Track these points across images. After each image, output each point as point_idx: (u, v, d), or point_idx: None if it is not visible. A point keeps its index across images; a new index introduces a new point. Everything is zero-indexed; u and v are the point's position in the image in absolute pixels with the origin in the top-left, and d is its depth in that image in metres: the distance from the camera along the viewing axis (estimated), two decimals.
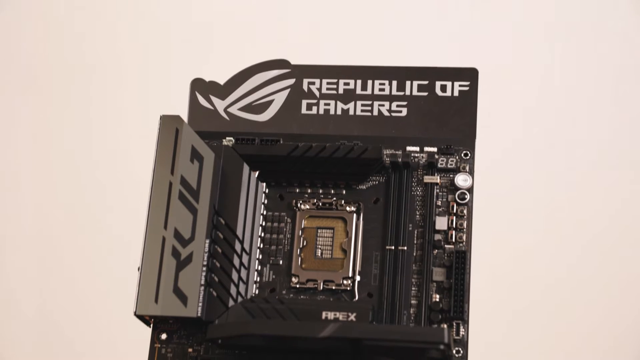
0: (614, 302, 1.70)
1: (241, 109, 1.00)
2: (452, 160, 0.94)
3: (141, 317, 0.91)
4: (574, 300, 1.72)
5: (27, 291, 1.95)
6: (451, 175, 0.94)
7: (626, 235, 1.68)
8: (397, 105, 0.98)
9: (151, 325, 0.93)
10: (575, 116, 1.70)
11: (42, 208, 1.93)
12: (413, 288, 0.91)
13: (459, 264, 0.90)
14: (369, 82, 0.99)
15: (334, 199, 0.95)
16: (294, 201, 0.96)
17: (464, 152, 0.95)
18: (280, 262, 0.94)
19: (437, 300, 0.90)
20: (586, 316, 1.71)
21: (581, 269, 1.72)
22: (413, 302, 0.91)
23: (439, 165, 0.94)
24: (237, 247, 0.92)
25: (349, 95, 0.99)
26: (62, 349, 1.97)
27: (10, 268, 1.91)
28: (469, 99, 0.97)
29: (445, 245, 0.92)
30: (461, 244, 0.92)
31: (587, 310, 1.71)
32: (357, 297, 0.91)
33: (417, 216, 0.93)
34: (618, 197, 1.68)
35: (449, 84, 0.98)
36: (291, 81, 1.00)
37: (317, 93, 0.99)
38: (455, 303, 0.89)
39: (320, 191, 0.96)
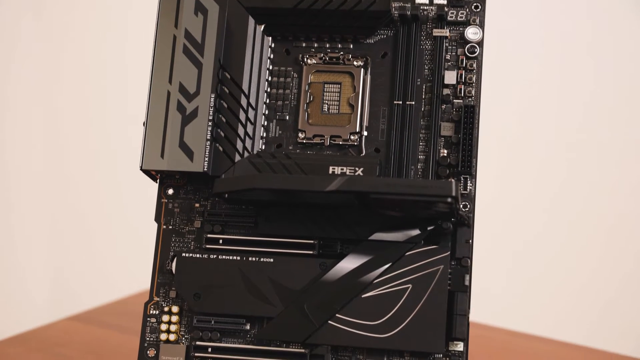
0: (618, 161, 1.70)
1: None
2: (462, 13, 0.92)
3: (147, 172, 0.91)
4: (582, 156, 1.72)
5: (37, 147, 1.96)
6: (461, 29, 0.92)
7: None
8: None
9: (158, 181, 0.93)
10: None
11: (48, 67, 1.92)
12: (421, 143, 0.90)
13: (467, 119, 0.89)
14: None
15: (341, 53, 0.93)
16: (301, 55, 0.94)
17: (475, 4, 0.92)
18: (287, 117, 0.93)
19: (445, 155, 0.90)
20: (595, 169, 1.72)
21: (589, 124, 1.72)
22: (420, 157, 0.90)
23: (449, 18, 0.92)
24: (243, 101, 0.91)
25: None
26: (69, 206, 1.98)
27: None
28: None
29: (454, 100, 0.91)
30: (470, 99, 0.90)
31: (595, 164, 1.71)
32: (364, 152, 0.91)
33: (426, 70, 0.92)
34: (633, 65, 1.67)
35: None
36: None
37: None
38: (463, 158, 0.89)
39: (327, 45, 0.94)
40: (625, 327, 1.73)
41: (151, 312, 0.91)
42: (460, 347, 0.87)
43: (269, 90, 0.94)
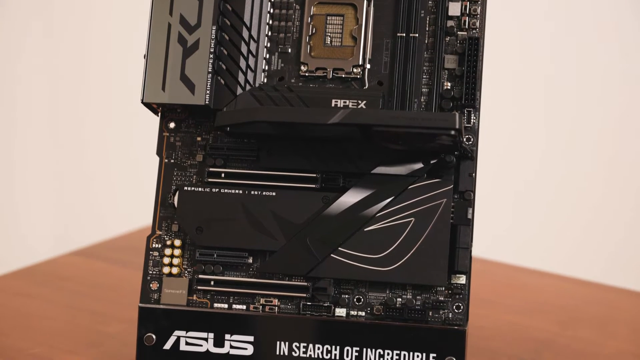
0: (622, 93, 1.70)
1: None
2: None
3: (149, 105, 0.90)
4: (588, 86, 1.71)
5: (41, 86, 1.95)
6: None
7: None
8: None
9: (159, 114, 0.92)
10: None
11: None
12: (424, 76, 0.89)
13: (471, 51, 0.88)
14: None
15: None
16: None
17: None
18: (289, 50, 0.92)
19: (449, 87, 0.89)
20: (600, 101, 1.71)
21: (594, 56, 1.70)
22: (424, 90, 0.89)
23: None
24: (245, 34, 0.89)
25: None
26: (71, 142, 1.98)
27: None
28: None
29: (458, 32, 0.89)
30: (474, 31, 0.89)
31: (599, 96, 1.70)
32: (367, 85, 0.90)
33: (430, 2, 0.90)
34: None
35: None
36: None
37: None
38: (467, 90, 0.88)
39: None
40: (636, 262, 1.73)
41: (154, 245, 0.91)
42: (462, 280, 0.87)
43: (270, 22, 0.92)
